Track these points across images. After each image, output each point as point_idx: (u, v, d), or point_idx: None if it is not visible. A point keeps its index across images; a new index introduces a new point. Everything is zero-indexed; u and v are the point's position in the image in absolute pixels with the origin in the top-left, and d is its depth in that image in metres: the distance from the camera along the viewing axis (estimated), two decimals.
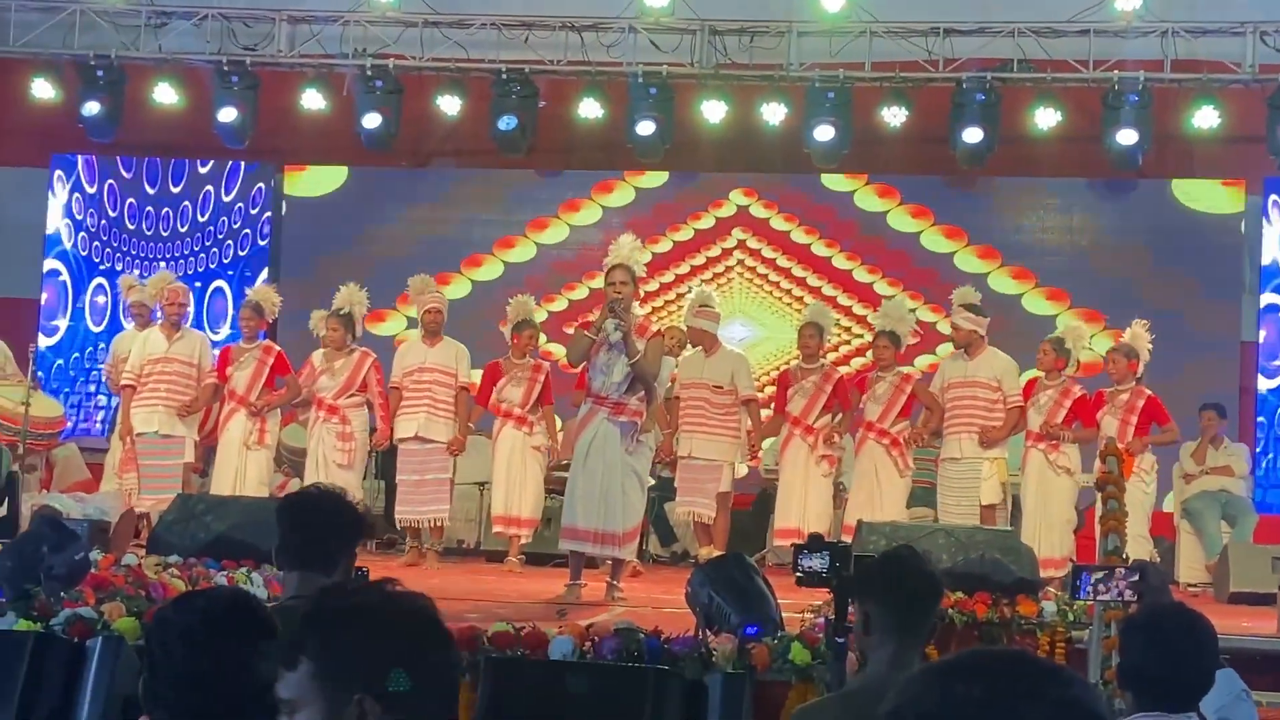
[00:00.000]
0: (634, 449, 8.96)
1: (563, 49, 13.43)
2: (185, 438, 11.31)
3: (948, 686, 1.63)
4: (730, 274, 14.21)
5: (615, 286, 8.93)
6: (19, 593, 6.71)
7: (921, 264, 13.86)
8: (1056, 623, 7.51)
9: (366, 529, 4.06)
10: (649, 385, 9.02)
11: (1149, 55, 12.83)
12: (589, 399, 9.08)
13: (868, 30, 13.01)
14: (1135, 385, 10.93)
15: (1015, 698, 1.61)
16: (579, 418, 9.24)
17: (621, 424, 8.89)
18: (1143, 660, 3.71)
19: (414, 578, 10.01)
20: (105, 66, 13.70)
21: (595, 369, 8.98)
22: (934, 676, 1.65)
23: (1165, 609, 4.02)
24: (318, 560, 3.86)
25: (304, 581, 3.86)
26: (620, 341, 8.83)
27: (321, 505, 3.97)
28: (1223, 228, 13.60)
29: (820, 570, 4.53)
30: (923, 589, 3.86)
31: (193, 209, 14.76)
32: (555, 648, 6.32)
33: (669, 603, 8.12)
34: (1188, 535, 11.47)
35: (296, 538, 3.91)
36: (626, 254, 9.11)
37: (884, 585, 3.88)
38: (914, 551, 4.16)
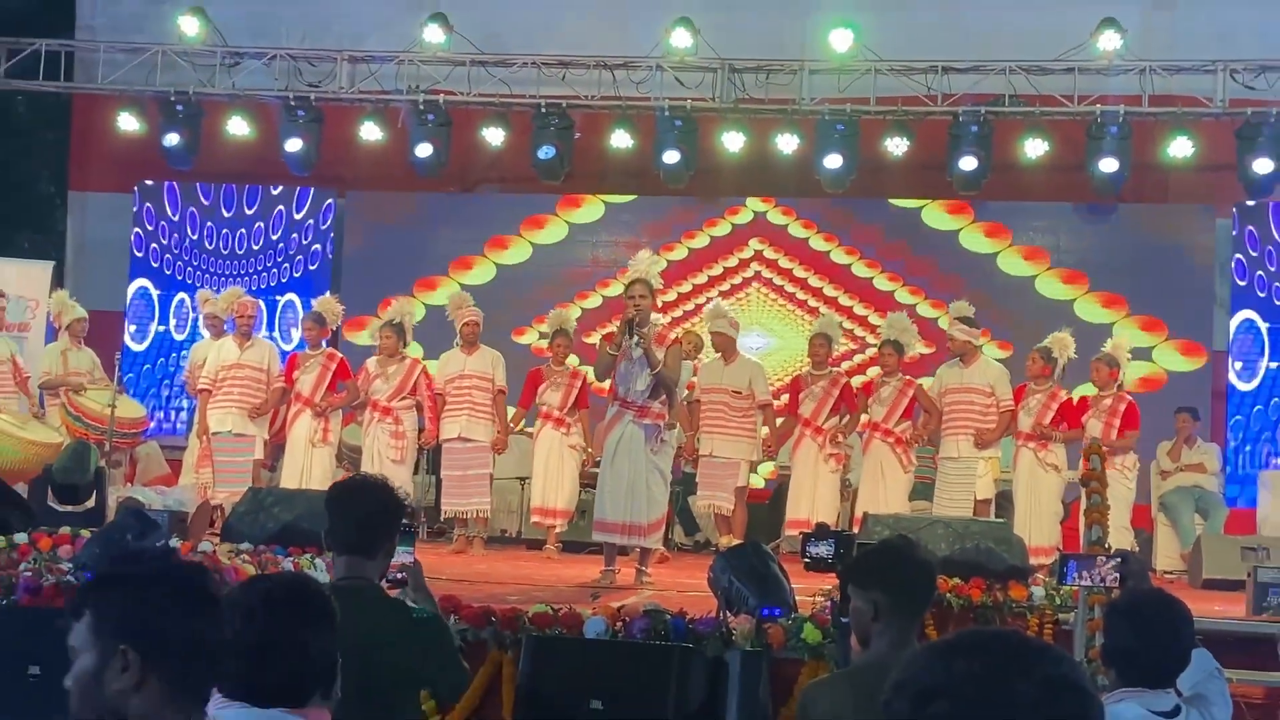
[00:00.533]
0: (658, 448, 8.93)
1: (596, 85, 13.44)
2: (256, 436, 11.35)
3: (948, 662, 1.62)
4: (748, 286, 14.17)
5: (635, 300, 8.84)
6: None
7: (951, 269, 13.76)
8: (1045, 606, 7.47)
9: (406, 515, 4.03)
10: (671, 390, 9.00)
11: (1129, 91, 12.77)
12: (615, 402, 9.03)
13: (873, 68, 12.98)
14: (1118, 391, 10.91)
15: (1009, 673, 1.60)
16: (606, 420, 9.19)
17: (646, 426, 8.85)
18: (1125, 641, 3.69)
19: (461, 564, 10.07)
20: (184, 102, 13.76)
21: (620, 378, 8.94)
22: (936, 653, 1.65)
23: (1146, 594, 3.99)
24: (362, 544, 3.85)
25: (350, 564, 3.85)
26: (642, 356, 8.78)
27: (365, 493, 3.95)
28: (1197, 248, 13.52)
29: (826, 556, 4.53)
30: (918, 575, 3.84)
31: (263, 230, 14.81)
32: (589, 627, 6.33)
33: (692, 587, 8.11)
34: (1164, 527, 11.43)
35: (342, 524, 3.90)
36: (645, 268, 9.02)
37: (883, 573, 3.86)
38: (909, 541, 4.15)
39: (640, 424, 8.85)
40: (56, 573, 7.05)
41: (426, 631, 3.89)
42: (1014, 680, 1.59)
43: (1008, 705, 1.58)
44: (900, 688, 1.64)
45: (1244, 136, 12.52)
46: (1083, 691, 1.62)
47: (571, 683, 5.88)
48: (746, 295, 14.13)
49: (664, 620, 6.29)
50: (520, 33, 13.89)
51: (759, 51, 13.34)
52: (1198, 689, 3.87)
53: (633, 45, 13.36)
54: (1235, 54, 12.61)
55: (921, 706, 1.61)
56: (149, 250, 14.90)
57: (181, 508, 9.63)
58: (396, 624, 3.74)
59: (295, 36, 14.04)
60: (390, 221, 14.61)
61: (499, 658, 6.43)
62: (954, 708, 1.59)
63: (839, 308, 13.74)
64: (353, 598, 3.46)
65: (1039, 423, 10.61)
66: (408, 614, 3.90)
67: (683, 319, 13.74)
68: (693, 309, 13.92)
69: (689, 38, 13.11)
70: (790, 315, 14.05)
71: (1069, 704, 1.60)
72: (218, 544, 8.61)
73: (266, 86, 13.89)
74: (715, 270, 14.23)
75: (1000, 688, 1.59)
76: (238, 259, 14.83)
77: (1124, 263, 13.57)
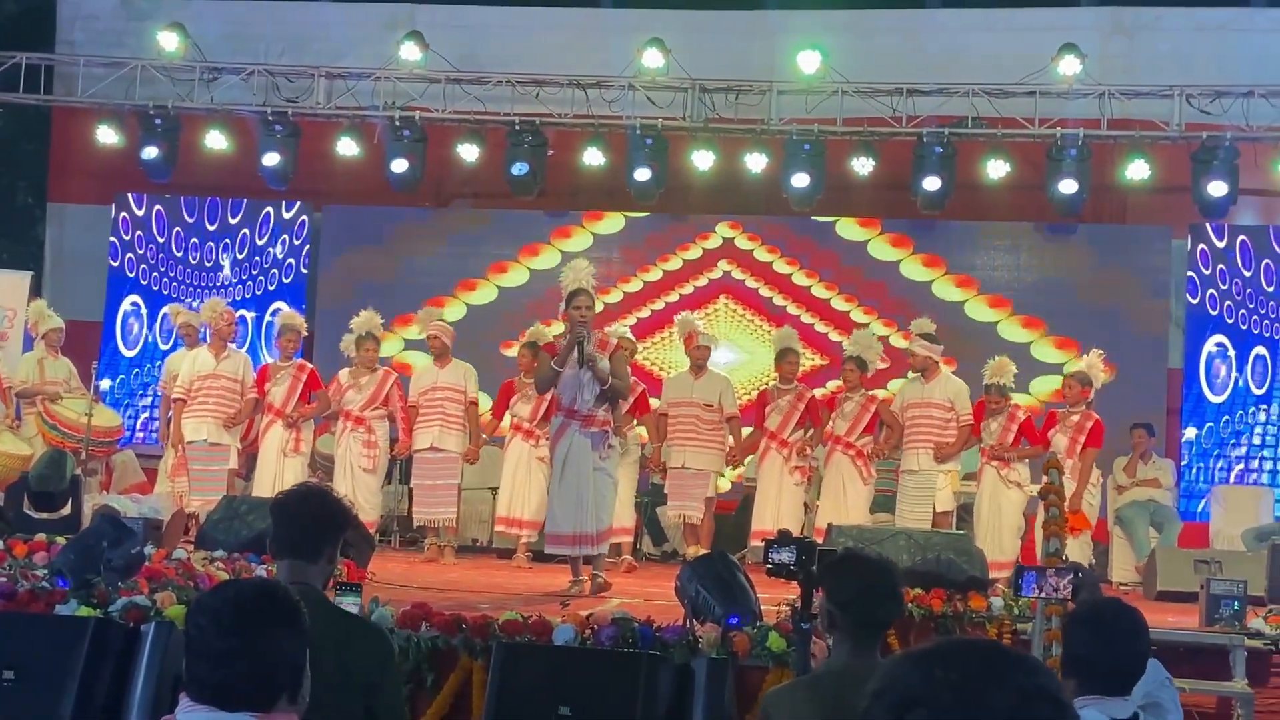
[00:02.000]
0: (606, 454, 8.84)
1: (569, 103, 13.46)
2: (230, 446, 11.32)
3: (927, 670, 1.62)
4: (715, 300, 14.19)
5: (581, 311, 8.67)
6: (81, 583, 6.70)
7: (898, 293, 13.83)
8: (1004, 616, 7.50)
9: (348, 522, 3.98)
10: (615, 403, 8.95)
11: (1088, 114, 12.88)
12: (560, 413, 8.91)
13: (839, 90, 13.04)
14: (1085, 409, 10.96)
15: (986, 683, 1.60)
16: (553, 432, 9.09)
17: (592, 434, 8.76)
18: (1085, 649, 3.70)
19: (433, 572, 10.05)
20: (163, 115, 13.72)
21: (564, 386, 8.79)
22: (914, 661, 1.65)
23: (1104, 603, 4.00)
24: (304, 549, 3.82)
25: (293, 569, 3.81)
26: (592, 372, 8.65)
27: (308, 500, 3.90)
28: (1153, 268, 13.59)
29: (788, 563, 4.51)
30: (876, 587, 3.85)
31: (240, 243, 14.75)
32: (559, 634, 6.32)
33: (660, 595, 8.09)
34: (1120, 540, 11.49)
35: (285, 529, 3.86)
36: (585, 278, 8.83)
37: (840, 583, 3.87)
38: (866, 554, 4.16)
39: (586, 433, 8.75)
40: (31, 579, 7.01)
41: (370, 641, 3.81)
42: (991, 690, 1.60)
43: (984, 714, 1.58)
44: (879, 696, 1.64)
45: (1199, 160, 12.63)
46: (1058, 702, 1.62)
47: (541, 689, 5.86)
48: (714, 308, 14.14)
49: (632, 628, 6.28)
50: (495, 51, 13.92)
51: (728, 72, 13.39)
52: (1151, 697, 3.89)
53: (605, 65, 13.38)
54: (1191, 79, 12.73)
55: (900, 714, 1.61)
56: (126, 261, 14.82)
57: (157, 515, 9.59)
58: (339, 629, 3.68)
59: (274, 52, 14.05)
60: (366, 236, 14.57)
61: (469, 664, 6.41)
62: (931, 716, 1.59)
63: (799, 325, 13.76)
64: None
65: (1000, 444, 10.69)
66: (352, 621, 3.86)
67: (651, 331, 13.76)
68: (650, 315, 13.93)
69: (660, 58, 13.16)
70: (757, 330, 14.07)
71: (1044, 714, 1.60)
72: (192, 551, 8.57)
73: (245, 101, 13.86)
74: (686, 289, 14.22)
75: (977, 697, 1.59)
76: (214, 271, 14.76)
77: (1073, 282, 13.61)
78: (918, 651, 1.67)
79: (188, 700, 2.54)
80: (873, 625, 3.83)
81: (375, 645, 3.79)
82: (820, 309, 14.07)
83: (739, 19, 14.08)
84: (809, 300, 14.09)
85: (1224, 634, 7.38)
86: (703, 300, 14.14)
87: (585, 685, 5.83)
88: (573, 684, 5.83)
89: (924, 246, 13.96)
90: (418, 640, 6.46)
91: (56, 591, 6.63)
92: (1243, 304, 13.32)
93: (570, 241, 14.33)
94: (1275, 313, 13.27)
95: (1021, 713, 1.59)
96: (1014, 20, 13.53)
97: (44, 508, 9.82)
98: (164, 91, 13.88)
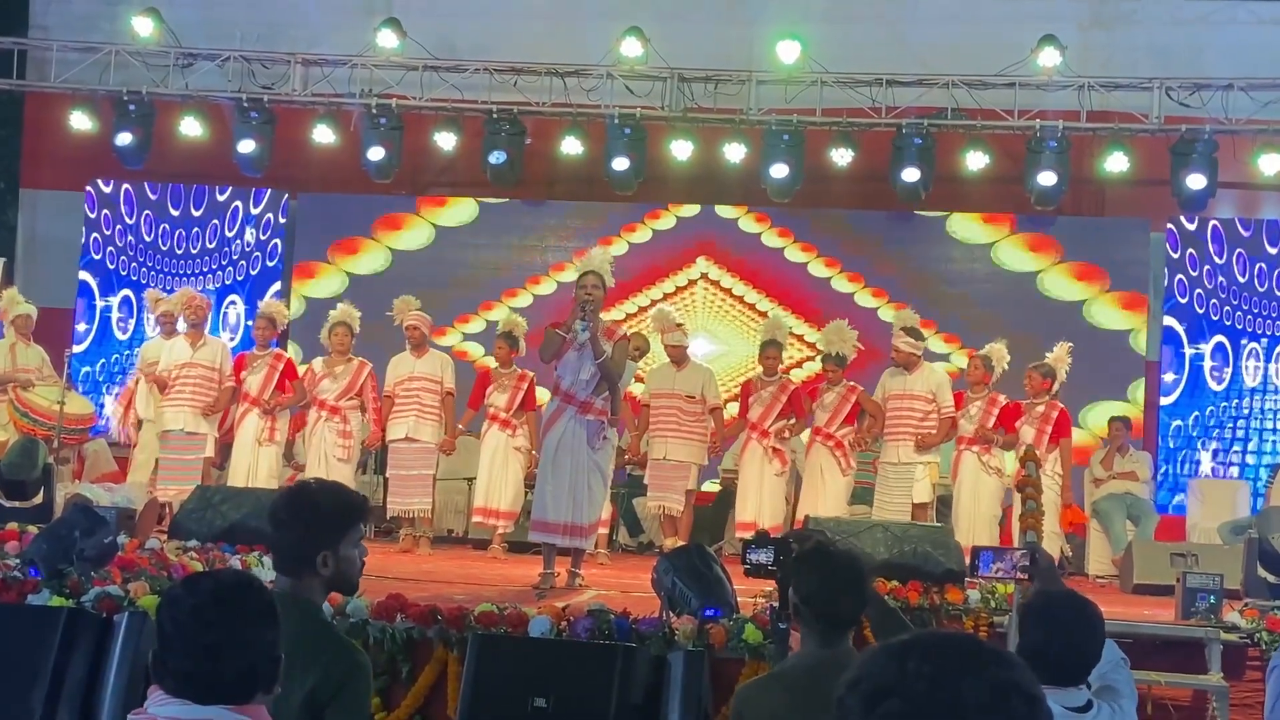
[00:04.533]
0: (600, 445, 8.67)
1: (548, 92, 13.45)
2: (207, 435, 11.29)
3: (901, 662, 1.64)
4: (692, 288, 14.18)
5: (586, 289, 8.60)
6: (53, 572, 6.68)
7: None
8: (980, 609, 7.54)
9: (352, 516, 3.83)
10: (613, 384, 8.74)
11: (1067, 106, 12.92)
12: (556, 397, 8.77)
13: (819, 80, 13.05)
14: (1050, 399, 11.02)
15: (960, 675, 1.62)
16: (547, 415, 8.93)
17: (588, 422, 8.59)
18: (1038, 640, 3.73)
19: (409, 563, 10.04)
20: (137, 101, 13.66)
21: (564, 368, 8.67)
22: (890, 653, 1.66)
23: (1058, 595, 4.03)
24: (297, 569, 3.57)
25: (282, 582, 3.68)
26: (588, 343, 8.56)
27: (295, 514, 3.65)
28: (1132, 261, 13.65)
29: (766, 563, 4.54)
30: (838, 579, 3.87)
31: (214, 230, 14.70)
32: (534, 626, 6.32)
33: (636, 587, 8.11)
34: (1096, 533, 11.54)
35: (276, 550, 3.68)
36: (599, 262, 8.82)
37: (805, 577, 3.89)
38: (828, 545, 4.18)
39: (582, 420, 8.59)
40: (3, 568, 6.98)
41: (340, 661, 3.52)
42: (964, 682, 1.61)
43: (957, 706, 1.59)
44: (853, 686, 1.65)
45: (1178, 152, 12.69)
46: (1032, 697, 1.63)
47: (516, 681, 5.88)
48: (692, 297, 14.15)
49: (608, 620, 6.30)
50: (473, 39, 13.88)
51: (708, 62, 13.40)
52: (1105, 680, 3.92)
53: (584, 53, 13.36)
54: (1170, 72, 12.79)
55: (873, 705, 1.62)
56: (96, 247, 14.76)
57: (129, 505, 9.56)
58: (315, 643, 3.46)
59: (249, 39, 13.96)
60: (341, 224, 14.54)
61: (444, 656, 6.42)
62: (905, 707, 1.60)
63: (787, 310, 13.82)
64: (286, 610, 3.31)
65: (982, 426, 10.71)
66: (331, 638, 3.63)
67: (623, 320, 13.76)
68: (635, 310, 13.93)
69: (639, 47, 13.14)
70: (737, 319, 14.07)
71: (1018, 708, 1.61)
72: (165, 541, 8.55)
73: (220, 88, 13.80)
74: (665, 285, 14.22)
75: (951, 689, 1.60)
76: (188, 259, 14.71)
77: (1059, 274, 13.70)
78: (894, 643, 1.68)
79: (161, 693, 2.53)
80: (837, 620, 3.85)
81: (344, 666, 3.51)
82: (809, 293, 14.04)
83: (718, 7, 14.07)
84: (795, 285, 14.06)
85: (1200, 627, 7.43)
86: (680, 289, 14.14)
87: (561, 677, 5.84)
88: (548, 676, 5.85)
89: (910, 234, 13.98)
90: (393, 631, 6.46)
91: (28, 581, 6.60)
92: (1217, 296, 13.38)
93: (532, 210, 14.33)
94: (1254, 306, 13.35)
95: (994, 706, 1.60)
96: (994, 11, 13.55)
97: (15, 496, 9.79)
98: (138, 77, 13.82)
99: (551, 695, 5.76)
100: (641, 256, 14.18)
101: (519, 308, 13.62)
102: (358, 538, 3.65)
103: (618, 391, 8.92)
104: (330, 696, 3.38)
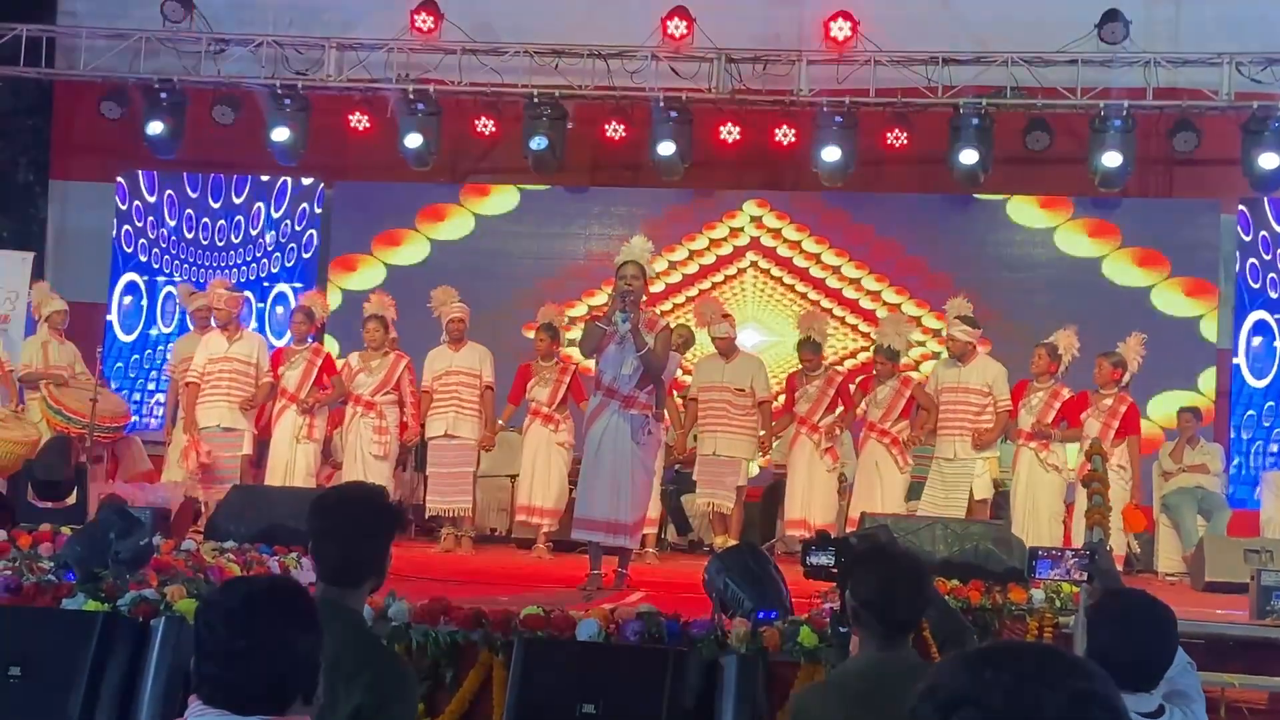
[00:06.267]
0: (644, 440, 8.63)
1: (590, 75, 13.44)
2: (245, 431, 11.32)
3: (978, 670, 1.64)
4: (742, 277, 14.17)
5: (627, 280, 8.56)
6: (88, 576, 6.72)
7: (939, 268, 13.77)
8: (1044, 609, 7.49)
9: (393, 526, 3.82)
10: (656, 378, 8.70)
11: (1133, 83, 12.80)
12: (599, 392, 8.74)
13: (872, 59, 13.00)
14: (1119, 391, 10.92)
15: (1039, 685, 1.62)
16: (590, 410, 8.91)
17: (632, 417, 8.56)
18: (1112, 644, 3.70)
19: (452, 563, 10.08)
20: (168, 89, 13.76)
21: (606, 362, 8.65)
22: (967, 661, 1.67)
23: (1131, 596, 3.99)
24: (343, 579, 3.63)
25: (329, 592, 3.65)
26: (629, 334, 8.52)
27: (342, 524, 3.68)
28: (1201, 244, 13.53)
29: (827, 565, 4.55)
30: (899, 584, 3.86)
31: (248, 221, 14.79)
32: (582, 629, 6.32)
33: (686, 588, 8.11)
34: (1166, 528, 11.44)
35: (321, 561, 3.63)
36: (639, 252, 8.75)
37: (863, 581, 3.88)
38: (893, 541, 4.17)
39: (626, 415, 8.56)
40: (37, 571, 7.04)
41: (387, 677, 3.57)
42: (1042, 692, 1.61)
43: (1034, 716, 1.60)
44: (928, 694, 1.66)
45: (1249, 130, 12.57)
46: (1112, 708, 1.63)
47: (563, 686, 5.88)
48: (741, 287, 14.13)
49: (658, 622, 6.28)
50: (512, 21, 13.88)
51: (756, 42, 13.37)
52: (1173, 684, 3.89)
53: (627, 34, 13.35)
54: (1241, 46, 12.66)
55: (948, 713, 1.63)
56: (128, 239, 14.87)
57: (164, 505, 9.62)
58: (360, 657, 3.50)
59: (282, 23, 14.03)
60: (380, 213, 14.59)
61: (490, 660, 6.43)
62: (980, 716, 1.61)
63: (842, 300, 13.78)
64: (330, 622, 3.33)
65: (1040, 421, 10.64)
66: (378, 652, 3.70)
67: (671, 311, 13.78)
68: (683, 301, 13.93)
69: (685, 27, 13.11)
70: (789, 309, 14.03)
71: (1095, 718, 1.61)
72: (201, 542, 8.61)
73: (252, 74, 13.87)
74: (707, 259, 14.21)
75: (1028, 699, 1.61)
76: (221, 250, 14.81)
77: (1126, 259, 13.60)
78: (972, 651, 1.69)
79: (199, 703, 2.55)
80: (896, 624, 3.84)
81: (391, 680, 3.55)
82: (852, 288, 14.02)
83: None
84: (840, 279, 14.04)
85: (1275, 627, 7.36)
86: (730, 278, 14.13)
87: (609, 682, 5.84)
88: (596, 681, 5.85)
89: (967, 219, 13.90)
90: (436, 635, 6.48)
91: (63, 585, 6.65)
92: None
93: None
94: None
95: (1072, 717, 1.61)
96: None
97: (48, 496, 9.87)
98: (169, 64, 13.91)
99: (600, 701, 5.76)
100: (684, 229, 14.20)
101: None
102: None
103: (662, 385, 8.90)
104: (376, 711, 3.40)
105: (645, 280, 8.77)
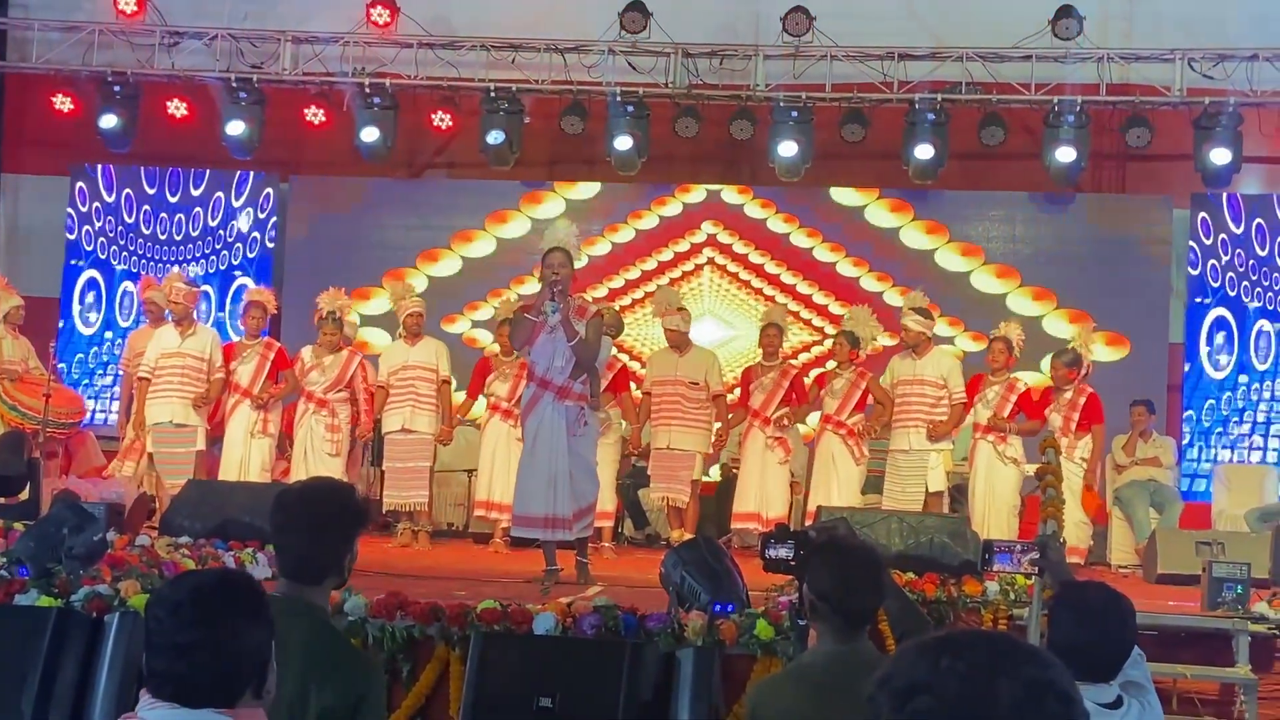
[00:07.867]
0: (581, 431, 8.50)
1: (547, 69, 13.42)
2: (198, 427, 11.22)
3: (934, 659, 1.65)
4: (699, 273, 14.16)
5: (554, 269, 8.39)
6: (41, 571, 6.68)
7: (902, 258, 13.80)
8: (999, 601, 7.55)
9: (360, 521, 3.82)
10: (590, 366, 8.58)
11: (1086, 79, 12.88)
12: (532, 384, 8.60)
13: (828, 54, 13.03)
14: (1079, 385, 10.99)
15: (994, 673, 1.62)
16: (524, 403, 8.78)
17: (567, 408, 8.43)
18: (1072, 635, 3.73)
19: (408, 558, 10.05)
20: (122, 82, 13.65)
21: (537, 353, 8.51)
22: (923, 649, 1.68)
23: (1091, 588, 4.02)
24: (305, 575, 3.59)
25: (291, 589, 3.62)
26: (560, 325, 8.38)
27: (307, 520, 3.63)
28: (1153, 238, 13.62)
29: (786, 558, 4.56)
30: (856, 576, 3.87)
31: (203, 215, 14.67)
32: (539, 623, 6.33)
33: (643, 582, 8.11)
34: (1119, 521, 11.52)
35: (282, 555, 3.62)
36: (564, 237, 8.60)
37: (820, 573, 3.89)
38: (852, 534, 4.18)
39: (561, 407, 8.43)
40: None
41: (356, 673, 3.56)
42: (998, 680, 1.62)
43: (990, 704, 1.60)
44: (884, 682, 1.66)
45: (1201, 126, 12.66)
46: (1067, 696, 1.64)
47: (520, 680, 5.89)
48: (698, 282, 14.13)
49: (615, 616, 6.30)
50: (469, 15, 13.83)
51: (713, 37, 13.37)
52: (1126, 675, 3.93)
53: (584, 29, 13.33)
54: (1193, 42, 12.74)
55: (904, 702, 1.63)
56: (84, 235, 14.75)
57: (118, 500, 9.57)
58: (328, 655, 3.49)
59: (237, 16, 13.92)
60: (335, 207, 14.52)
61: (446, 654, 6.43)
62: (936, 704, 1.61)
63: (796, 295, 13.77)
64: (294, 619, 3.33)
65: (997, 414, 10.71)
66: (344, 649, 3.70)
67: (631, 307, 13.76)
68: (641, 296, 13.92)
69: (642, 22, 13.10)
70: (745, 304, 14.05)
71: (1052, 707, 1.62)
72: (156, 538, 8.56)
73: (207, 67, 13.77)
74: (665, 255, 14.19)
75: (984, 687, 1.61)
76: (177, 244, 14.69)
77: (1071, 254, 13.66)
78: (928, 639, 1.69)
79: (149, 697, 2.54)
80: (853, 615, 3.85)
81: (361, 678, 3.55)
82: (821, 277, 13.99)
83: None
84: (805, 267, 14.03)
85: (1227, 619, 7.44)
86: (688, 274, 14.12)
87: (566, 675, 5.85)
88: (553, 674, 5.86)
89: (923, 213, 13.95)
90: (393, 630, 6.47)
91: (16, 581, 6.60)
92: (1245, 276, 13.36)
93: (541, 208, 14.27)
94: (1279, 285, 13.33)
95: (1027, 705, 1.61)
96: None
97: (1, 492, 9.80)
98: (123, 57, 13.80)
99: (557, 694, 5.77)
100: (647, 240, 14.17)
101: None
102: None
103: (595, 374, 8.81)
104: (351, 712, 3.40)
105: (572, 266, 8.60)
